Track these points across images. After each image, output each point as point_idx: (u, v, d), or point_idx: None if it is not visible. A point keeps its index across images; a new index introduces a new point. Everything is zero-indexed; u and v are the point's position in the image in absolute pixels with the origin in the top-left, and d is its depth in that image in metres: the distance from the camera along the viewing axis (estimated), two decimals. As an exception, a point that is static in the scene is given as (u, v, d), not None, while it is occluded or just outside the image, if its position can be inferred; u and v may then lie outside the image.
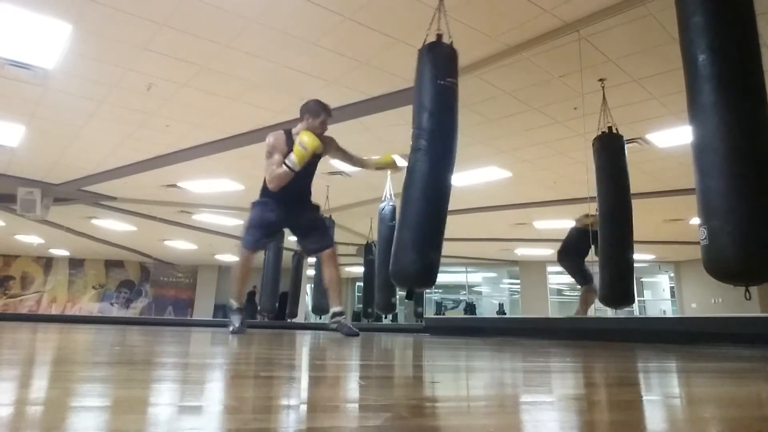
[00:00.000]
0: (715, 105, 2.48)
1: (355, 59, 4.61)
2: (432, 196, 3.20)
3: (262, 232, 3.47)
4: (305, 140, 3.16)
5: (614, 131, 4.66)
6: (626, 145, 4.82)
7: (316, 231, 3.53)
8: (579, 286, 5.93)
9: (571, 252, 5.72)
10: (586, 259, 5.63)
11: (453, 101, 3.28)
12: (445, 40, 3.35)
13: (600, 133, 4.70)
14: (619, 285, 4.55)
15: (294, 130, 3.37)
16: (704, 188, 2.49)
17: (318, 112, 3.33)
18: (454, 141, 3.28)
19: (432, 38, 3.35)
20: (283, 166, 3.21)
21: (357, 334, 3.40)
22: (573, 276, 5.85)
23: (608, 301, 4.63)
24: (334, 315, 3.48)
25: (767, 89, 2.45)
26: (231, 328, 3.41)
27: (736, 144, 2.43)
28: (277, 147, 3.29)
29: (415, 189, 3.20)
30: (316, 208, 3.63)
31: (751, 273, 2.41)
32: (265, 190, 3.42)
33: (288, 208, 3.40)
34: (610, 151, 4.65)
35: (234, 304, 3.52)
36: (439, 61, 3.28)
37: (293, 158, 3.17)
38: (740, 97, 2.47)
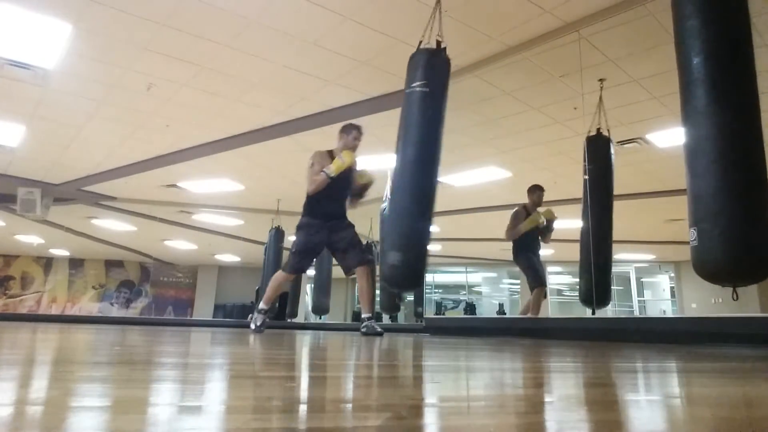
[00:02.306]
0: (707, 108, 2.51)
1: (355, 59, 4.61)
2: (407, 198, 3.34)
3: (308, 256, 3.87)
4: (344, 154, 3.72)
5: (604, 133, 4.70)
6: (626, 145, 4.83)
7: (353, 248, 3.83)
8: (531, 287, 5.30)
9: (523, 247, 5.23)
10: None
11: (417, 106, 3.40)
12: (431, 40, 3.49)
13: (589, 134, 4.73)
14: (600, 289, 4.54)
15: (335, 150, 3.89)
16: (695, 190, 2.54)
17: (350, 131, 3.92)
18: (423, 143, 3.39)
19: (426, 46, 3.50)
20: (322, 173, 3.67)
21: (381, 334, 3.72)
22: (526, 274, 5.28)
23: (588, 303, 4.61)
24: (364, 321, 3.82)
25: (759, 92, 2.48)
26: (252, 326, 3.82)
27: (726, 147, 2.47)
28: (319, 160, 3.77)
29: (395, 193, 3.41)
30: (352, 226, 3.97)
31: (738, 274, 2.47)
32: (307, 208, 3.82)
33: (330, 228, 3.78)
34: (598, 153, 4.71)
35: (263, 307, 3.90)
36: (410, 71, 3.49)
37: (331, 167, 3.67)
38: (733, 101, 2.50)
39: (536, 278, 5.16)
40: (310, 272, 11.07)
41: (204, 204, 9.77)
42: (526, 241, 5.23)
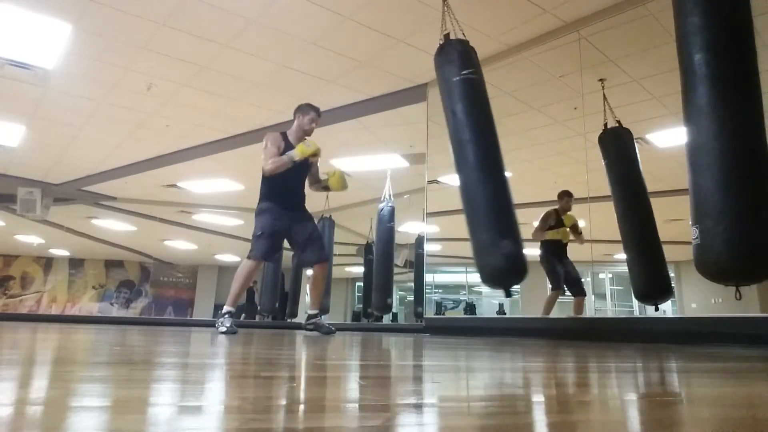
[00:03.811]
0: (709, 105, 2.49)
1: (355, 59, 4.61)
2: (491, 191, 3.31)
3: (273, 240, 3.52)
4: (309, 141, 3.50)
5: (616, 125, 4.65)
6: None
7: (313, 244, 3.62)
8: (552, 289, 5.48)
9: (548, 252, 5.39)
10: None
11: (475, 91, 3.34)
12: (454, 36, 3.45)
13: (602, 129, 4.67)
14: (656, 278, 4.29)
15: (289, 132, 3.63)
16: (697, 188, 2.51)
17: (308, 111, 3.62)
18: (493, 128, 3.35)
19: (441, 40, 3.45)
20: (286, 156, 3.43)
21: (333, 332, 3.61)
22: (547, 277, 5.46)
23: (647, 297, 4.36)
24: (310, 317, 3.73)
25: (761, 90, 2.46)
26: (222, 329, 3.35)
27: (729, 144, 2.44)
28: (275, 142, 3.53)
29: (473, 187, 3.33)
30: (312, 218, 3.77)
31: (741, 273, 2.43)
32: (266, 194, 3.55)
33: (290, 217, 3.54)
34: (618, 145, 4.58)
35: (229, 309, 3.58)
36: (449, 59, 3.38)
37: (296, 151, 3.43)
38: (735, 98, 2.48)
39: (555, 282, 5.35)
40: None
41: (204, 204, 9.78)
42: (552, 247, 5.35)
